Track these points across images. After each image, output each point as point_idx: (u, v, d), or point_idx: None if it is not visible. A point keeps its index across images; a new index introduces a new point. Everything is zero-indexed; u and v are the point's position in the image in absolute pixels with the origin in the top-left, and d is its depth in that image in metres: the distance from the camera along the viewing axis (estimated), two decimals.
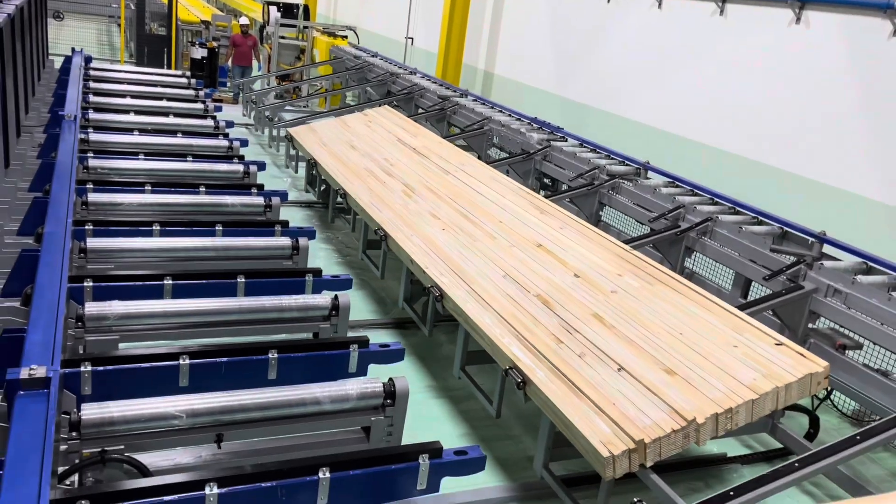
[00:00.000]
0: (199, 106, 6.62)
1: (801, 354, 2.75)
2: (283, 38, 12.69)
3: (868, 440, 2.61)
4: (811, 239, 4.08)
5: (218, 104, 7.02)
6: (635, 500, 2.29)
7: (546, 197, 4.85)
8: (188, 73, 8.45)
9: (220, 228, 4.10)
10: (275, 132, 8.58)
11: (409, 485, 2.42)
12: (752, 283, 4.20)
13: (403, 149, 5.49)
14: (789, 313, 3.73)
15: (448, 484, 2.50)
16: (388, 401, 2.71)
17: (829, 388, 3.76)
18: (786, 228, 4.30)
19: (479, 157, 6.24)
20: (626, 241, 4.21)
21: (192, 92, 7.17)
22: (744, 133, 6.58)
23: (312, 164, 5.70)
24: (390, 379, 2.73)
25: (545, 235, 3.89)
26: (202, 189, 4.65)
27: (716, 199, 4.76)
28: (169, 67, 12.59)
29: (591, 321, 3.10)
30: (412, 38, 13.21)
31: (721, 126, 6.85)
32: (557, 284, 3.40)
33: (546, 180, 6.12)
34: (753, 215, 4.51)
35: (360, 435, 2.87)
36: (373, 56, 10.33)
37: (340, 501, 2.32)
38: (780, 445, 3.71)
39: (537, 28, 9.93)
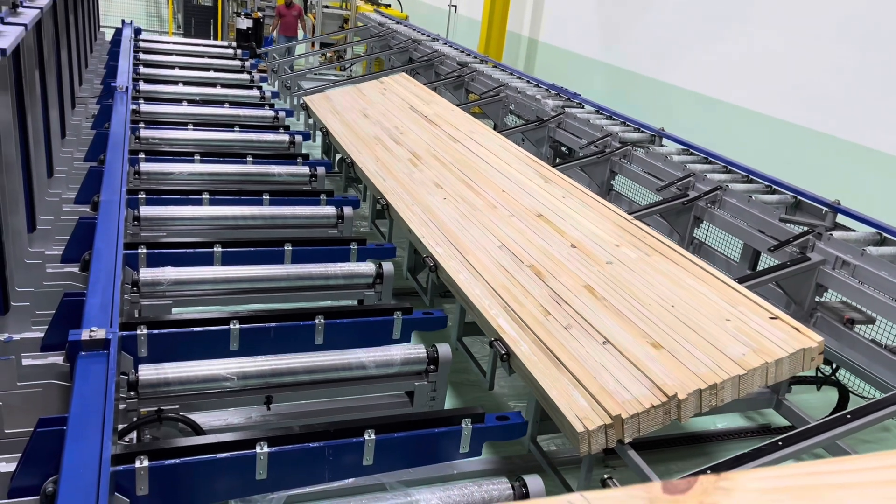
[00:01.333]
0: (245, 76, 6.70)
1: (796, 329, 2.64)
2: (326, 7, 12.68)
3: (859, 419, 2.52)
4: (825, 208, 3.89)
5: (263, 74, 7.09)
6: (605, 476, 2.28)
7: (557, 165, 4.71)
8: (234, 44, 8.53)
9: (268, 197, 4.20)
10: (296, 101, 8.51)
11: (452, 448, 2.49)
12: (762, 254, 4.02)
13: (415, 116, 5.38)
14: (795, 286, 3.56)
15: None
16: (432, 366, 2.77)
17: (835, 365, 3.63)
18: (799, 197, 4.10)
19: (495, 125, 6.14)
20: (632, 211, 4.09)
21: (238, 63, 7.26)
22: (802, 101, 6.32)
23: (325, 133, 5.64)
24: (433, 345, 2.78)
25: (546, 205, 3.79)
26: (249, 159, 4.75)
27: (729, 168, 4.55)
28: (215, 38, 12.72)
29: (583, 293, 3.02)
30: (455, 6, 13.07)
31: (776, 93, 6.60)
32: (553, 255, 3.32)
33: (563, 148, 5.95)
34: (767, 184, 4.31)
35: (404, 399, 2.94)
36: (397, 23, 10.13)
37: (385, 462, 2.39)
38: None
39: None
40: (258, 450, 2.23)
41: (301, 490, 2.51)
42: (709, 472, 2.18)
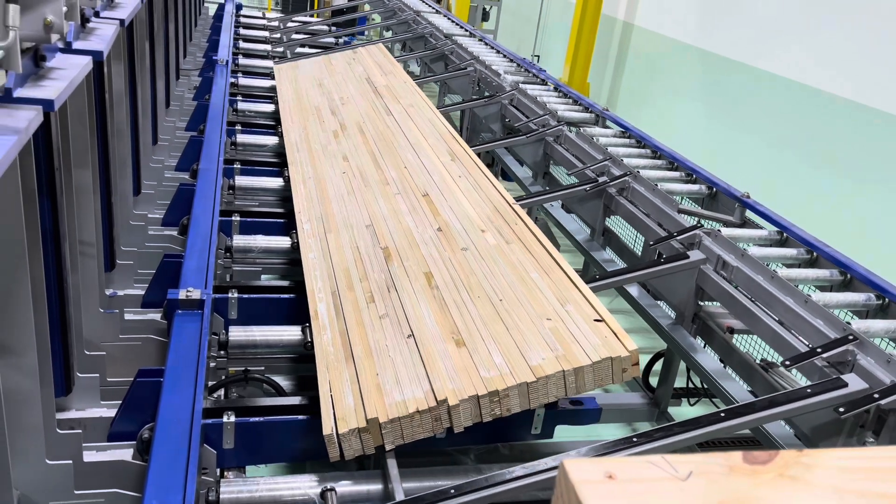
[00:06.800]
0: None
1: (615, 334, 2.32)
2: None
3: (646, 443, 2.08)
4: (736, 202, 3.36)
5: None
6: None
7: (476, 145, 4.22)
8: (330, 21, 8.71)
9: None
10: None
11: (524, 429, 2.42)
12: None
13: (365, 88, 4.95)
14: (673, 287, 3.05)
15: None
16: None
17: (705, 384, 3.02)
18: (715, 189, 3.52)
19: (462, 100, 5.60)
20: (527, 196, 3.65)
21: (332, 39, 7.43)
22: None
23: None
24: None
25: (438, 184, 3.43)
26: None
27: (659, 153, 3.94)
28: (311, 15, 12.98)
29: (419, 280, 2.70)
30: None
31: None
32: (413, 238, 2.97)
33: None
34: (688, 172, 3.71)
35: None
36: None
37: (456, 437, 2.43)
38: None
39: None
40: None
41: None
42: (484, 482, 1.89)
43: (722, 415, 2.20)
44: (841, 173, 6.33)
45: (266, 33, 7.41)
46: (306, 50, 7.02)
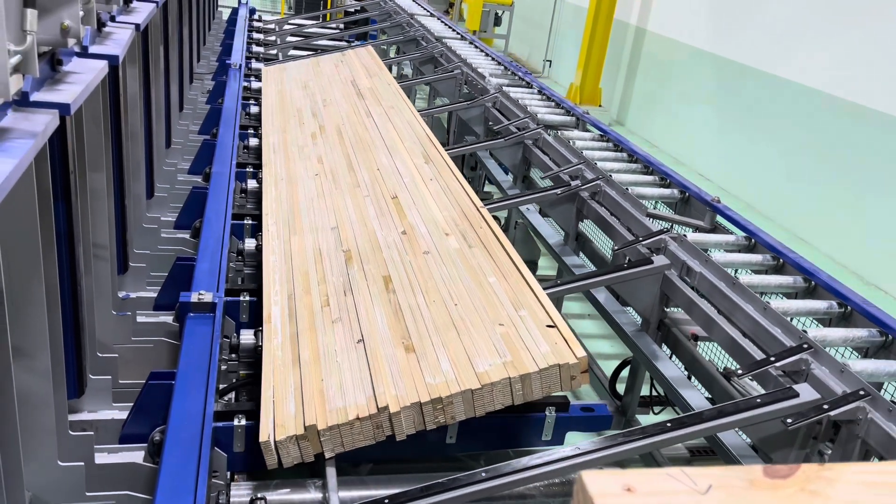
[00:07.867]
0: None
1: (566, 341, 2.26)
2: None
3: (588, 454, 2.00)
4: (707, 207, 3.25)
5: None
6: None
7: (451, 148, 4.11)
8: (342, 25, 8.76)
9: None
10: None
11: (535, 435, 2.40)
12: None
13: (348, 90, 4.88)
14: (638, 292, 2.97)
15: None
16: None
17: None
18: (688, 193, 3.40)
19: (450, 103, 5.54)
20: (497, 201, 3.60)
21: (344, 44, 7.48)
22: None
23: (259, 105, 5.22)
24: None
25: (408, 187, 3.37)
26: None
27: (635, 157, 3.83)
28: (324, 19, 13.05)
29: (376, 284, 2.66)
30: None
31: None
32: (377, 241, 2.95)
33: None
34: (662, 176, 3.59)
35: None
36: None
37: (467, 443, 2.37)
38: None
39: None
40: None
41: None
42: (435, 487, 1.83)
43: (668, 425, 2.12)
44: (855, 180, 6.28)
45: (279, 37, 7.47)
46: (300, 52, 7.06)
